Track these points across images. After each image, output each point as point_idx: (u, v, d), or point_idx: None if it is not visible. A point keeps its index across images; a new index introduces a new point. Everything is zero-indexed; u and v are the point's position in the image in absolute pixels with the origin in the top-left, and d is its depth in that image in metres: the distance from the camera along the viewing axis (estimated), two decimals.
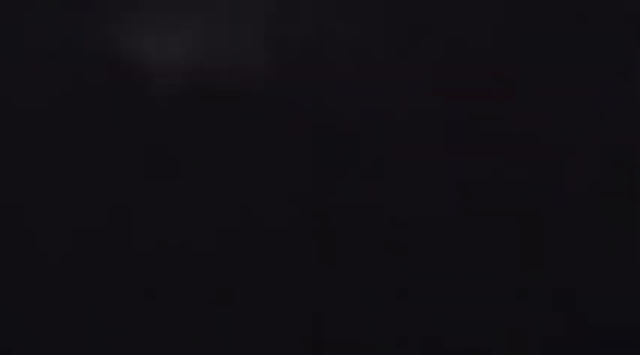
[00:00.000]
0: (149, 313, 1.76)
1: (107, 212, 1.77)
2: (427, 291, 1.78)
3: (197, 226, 1.77)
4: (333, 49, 1.79)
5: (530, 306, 1.78)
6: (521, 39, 1.80)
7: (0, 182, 1.77)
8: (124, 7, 1.77)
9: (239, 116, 1.78)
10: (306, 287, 1.77)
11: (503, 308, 1.78)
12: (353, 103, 1.78)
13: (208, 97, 1.78)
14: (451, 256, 1.78)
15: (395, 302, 1.77)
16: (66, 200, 1.77)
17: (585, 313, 1.78)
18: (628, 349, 1.77)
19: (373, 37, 1.79)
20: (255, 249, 1.77)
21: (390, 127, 1.78)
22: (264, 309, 1.77)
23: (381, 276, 1.78)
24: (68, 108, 1.77)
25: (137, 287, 1.76)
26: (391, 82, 1.79)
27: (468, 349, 1.77)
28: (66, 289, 1.76)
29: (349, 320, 1.77)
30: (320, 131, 1.78)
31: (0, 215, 1.77)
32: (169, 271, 1.77)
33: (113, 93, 1.77)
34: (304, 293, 1.77)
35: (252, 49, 1.79)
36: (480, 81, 1.79)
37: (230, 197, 1.78)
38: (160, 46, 1.79)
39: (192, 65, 1.78)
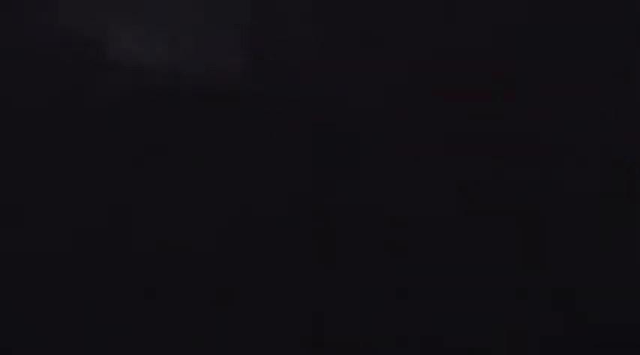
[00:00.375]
0: (149, 313, 1.76)
1: (107, 212, 1.77)
2: (427, 291, 1.78)
3: (197, 226, 1.77)
4: (333, 48, 1.79)
5: (530, 306, 1.78)
6: (521, 39, 1.80)
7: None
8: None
9: (239, 116, 1.78)
10: (306, 287, 1.77)
11: (503, 308, 1.78)
12: (353, 103, 1.78)
13: (208, 97, 1.78)
14: (451, 256, 1.78)
15: (395, 302, 1.77)
16: (65, 199, 1.77)
17: (585, 313, 1.78)
18: (628, 349, 1.77)
19: (373, 36, 1.79)
20: (254, 248, 1.77)
21: (390, 127, 1.78)
22: (264, 309, 1.77)
23: (381, 276, 1.77)
24: (60, 107, 1.77)
25: (137, 287, 1.76)
26: (391, 82, 1.79)
27: (468, 349, 1.77)
28: (65, 289, 1.76)
29: (349, 320, 1.77)
30: (320, 131, 1.78)
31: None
32: (169, 271, 1.76)
33: (112, 91, 1.77)
34: (304, 293, 1.77)
35: (252, 48, 1.79)
36: (480, 81, 1.79)
37: (230, 197, 1.78)
38: (159, 46, 1.79)
39: (194, 65, 1.78)
